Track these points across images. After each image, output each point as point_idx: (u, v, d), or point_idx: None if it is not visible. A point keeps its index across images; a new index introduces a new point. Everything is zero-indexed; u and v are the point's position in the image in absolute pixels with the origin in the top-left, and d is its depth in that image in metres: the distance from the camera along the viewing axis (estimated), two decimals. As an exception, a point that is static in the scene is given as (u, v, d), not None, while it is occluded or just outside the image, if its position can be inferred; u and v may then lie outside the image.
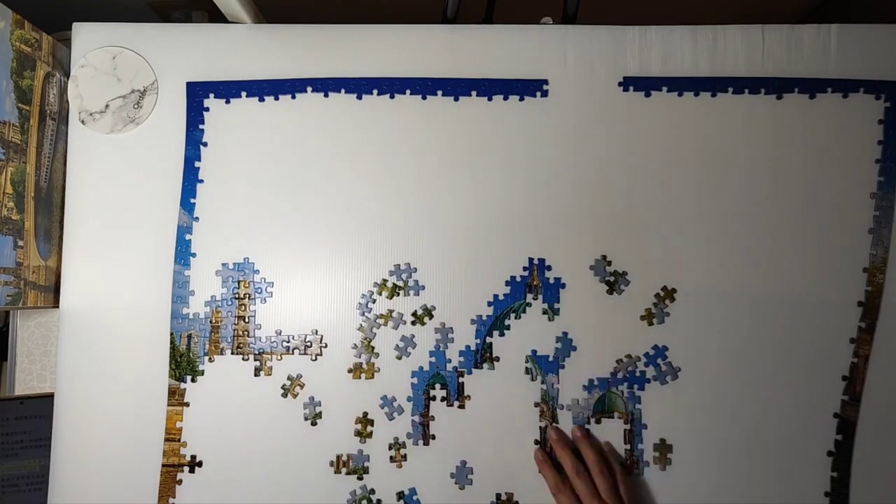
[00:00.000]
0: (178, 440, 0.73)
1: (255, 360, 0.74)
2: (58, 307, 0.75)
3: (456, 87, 0.77)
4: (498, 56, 0.77)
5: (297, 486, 0.73)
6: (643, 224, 0.75)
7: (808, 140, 0.75)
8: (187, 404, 0.74)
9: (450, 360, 0.74)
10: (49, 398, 0.75)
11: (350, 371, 0.74)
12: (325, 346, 0.75)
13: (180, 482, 0.73)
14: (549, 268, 0.75)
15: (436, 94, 0.77)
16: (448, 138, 0.76)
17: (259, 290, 0.75)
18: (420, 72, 0.77)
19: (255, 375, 0.74)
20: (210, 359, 0.74)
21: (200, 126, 0.77)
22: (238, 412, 0.74)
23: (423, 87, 0.77)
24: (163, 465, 0.73)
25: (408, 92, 0.77)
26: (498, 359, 0.74)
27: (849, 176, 0.75)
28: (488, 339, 0.74)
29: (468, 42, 0.77)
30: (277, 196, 0.76)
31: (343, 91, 0.77)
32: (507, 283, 0.75)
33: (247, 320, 0.75)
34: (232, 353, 0.75)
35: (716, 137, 0.75)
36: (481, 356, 0.74)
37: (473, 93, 0.76)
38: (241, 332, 0.75)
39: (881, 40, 0.75)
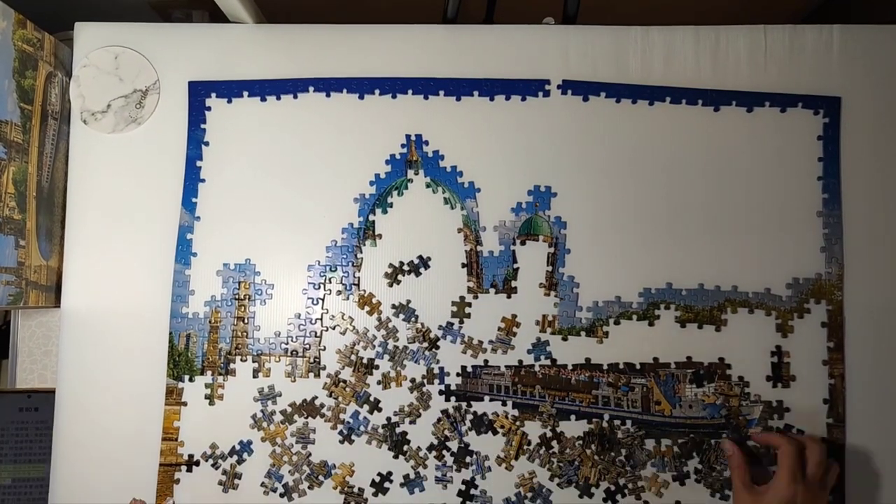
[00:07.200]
0: (176, 439, 0.73)
1: (254, 361, 0.74)
2: (59, 307, 0.75)
3: (458, 88, 0.76)
4: (500, 56, 0.77)
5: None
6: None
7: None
8: (185, 403, 0.74)
9: None
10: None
11: (350, 366, 0.74)
12: (324, 350, 0.74)
13: (178, 481, 0.73)
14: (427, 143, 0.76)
15: (438, 95, 0.77)
16: (450, 138, 0.76)
17: (259, 292, 0.75)
18: (422, 72, 0.77)
19: (254, 377, 0.74)
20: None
21: (202, 125, 0.77)
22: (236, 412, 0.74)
23: (425, 87, 0.77)
24: (160, 465, 0.73)
25: (410, 92, 0.77)
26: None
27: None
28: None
29: (470, 42, 0.77)
30: (279, 195, 0.76)
31: (345, 91, 0.77)
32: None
33: (246, 321, 0.75)
34: (230, 354, 0.74)
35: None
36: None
37: (475, 93, 0.76)
38: (240, 333, 0.75)
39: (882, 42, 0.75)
